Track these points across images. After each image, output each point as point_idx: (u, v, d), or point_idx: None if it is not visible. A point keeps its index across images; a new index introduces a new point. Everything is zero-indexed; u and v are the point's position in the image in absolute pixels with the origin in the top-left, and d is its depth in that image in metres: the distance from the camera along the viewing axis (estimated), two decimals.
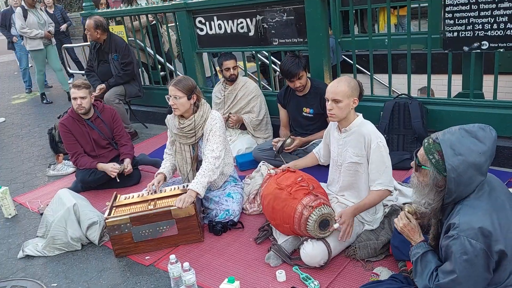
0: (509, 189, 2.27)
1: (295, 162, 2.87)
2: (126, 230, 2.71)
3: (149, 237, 2.75)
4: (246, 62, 4.70)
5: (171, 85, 2.89)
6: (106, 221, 2.70)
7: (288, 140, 3.49)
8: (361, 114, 2.49)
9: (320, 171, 3.05)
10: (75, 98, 3.52)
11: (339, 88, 2.37)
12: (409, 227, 1.87)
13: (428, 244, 1.83)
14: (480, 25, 3.08)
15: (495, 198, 1.63)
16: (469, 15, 3.10)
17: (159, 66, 5.80)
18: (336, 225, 2.29)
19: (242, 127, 4.11)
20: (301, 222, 2.31)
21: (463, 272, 1.56)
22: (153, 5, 4.89)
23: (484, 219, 1.55)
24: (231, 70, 3.95)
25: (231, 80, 4.00)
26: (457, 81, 3.69)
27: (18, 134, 5.85)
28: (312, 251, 2.31)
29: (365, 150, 2.40)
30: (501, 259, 1.58)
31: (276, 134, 4.08)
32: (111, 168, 3.55)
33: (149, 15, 5.18)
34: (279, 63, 4.78)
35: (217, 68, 4.99)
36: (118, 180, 3.58)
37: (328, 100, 2.40)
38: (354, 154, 2.44)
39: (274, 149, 3.54)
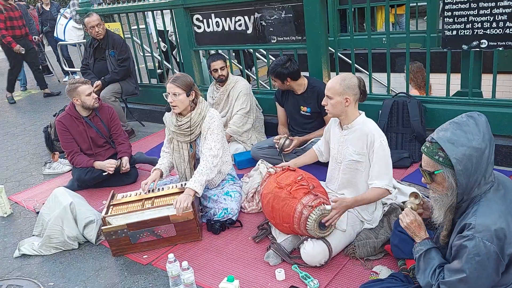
0: None
1: (294, 161, 2.85)
2: (123, 235, 2.67)
3: (147, 239, 2.72)
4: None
5: (169, 82, 2.86)
6: (102, 228, 2.67)
7: (287, 142, 3.48)
8: (364, 112, 2.48)
9: (319, 169, 3.04)
10: (90, 94, 3.53)
11: (330, 85, 2.40)
12: (415, 223, 1.85)
13: (434, 241, 1.82)
14: (479, 23, 3.08)
15: (510, 200, 1.62)
16: (468, 13, 3.10)
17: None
18: (328, 207, 2.25)
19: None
20: (300, 221, 2.30)
21: (474, 273, 1.55)
22: (150, 2, 4.85)
23: (500, 221, 1.53)
24: (219, 71, 3.89)
25: (220, 81, 3.96)
26: (455, 80, 3.69)
27: (13, 132, 5.80)
28: (313, 250, 2.30)
29: (366, 149, 2.39)
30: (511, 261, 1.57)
31: (273, 133, 4.06)
32: (108, 165, 3.53)
33: None
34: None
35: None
36: (121, 171, 3.56)
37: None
38: (355, 152, 2.43)
39: (276, 146, 3.54)
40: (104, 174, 3.55)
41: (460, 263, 1.59)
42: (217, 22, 4.32)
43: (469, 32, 3.14)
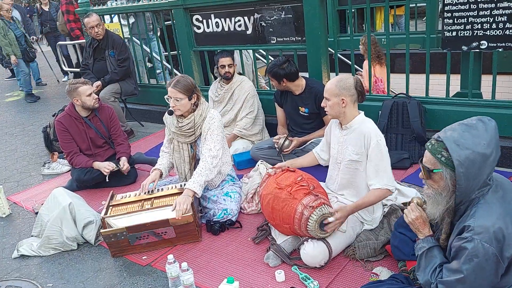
0: None
1: (292, 161, 2.85)
2: (123, 238, 2.66)
3: (146, 241, 2.71)
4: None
5: (171, 86, 2.85)
6: (101, 231, 2.65)
7: (286, 142, 3.48)
8: (363, 112, 2.48)
9: (319, 170, 3.03)
10: (90, 94, 3.53)
11: (327, 86, 2.43)
12: (420, 220, 1.84)
13: (436, 240, 1.81)
14: (479, 24, 3.08)
15: (508, 202, 1.61)
16: (468, 14, 3.10)
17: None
18: (331, 219, 2.26)
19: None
20: (301, 222, 2.29)
21: (471, 274, 1.55)
22: (150, 3, 4.84)
23: (499, 223, 1.53)
24: (226, 67, 3.92)
25: (226, 78, 3.99)
26: (455, 80, 3.69)
27: (12, 132, 5.78)
28: (313, 251, 2.29)
29: (364, 148, 2.39)
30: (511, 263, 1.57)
31: (273, 133, 4.06)
32: (107, 165, 3.52)
33: None
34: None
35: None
36: (107, 180, 3.54)
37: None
38: (354, 152, 2.43)
39: (276, 146, 3.53)
40: (103, 174, 3.53)
41: (459, 263, 1.59)
42: (216, 22, 4.32)
43: (469, 33, 3.14)
